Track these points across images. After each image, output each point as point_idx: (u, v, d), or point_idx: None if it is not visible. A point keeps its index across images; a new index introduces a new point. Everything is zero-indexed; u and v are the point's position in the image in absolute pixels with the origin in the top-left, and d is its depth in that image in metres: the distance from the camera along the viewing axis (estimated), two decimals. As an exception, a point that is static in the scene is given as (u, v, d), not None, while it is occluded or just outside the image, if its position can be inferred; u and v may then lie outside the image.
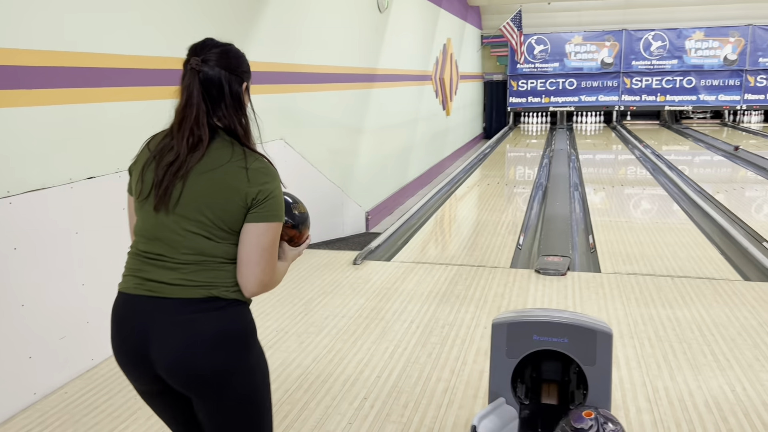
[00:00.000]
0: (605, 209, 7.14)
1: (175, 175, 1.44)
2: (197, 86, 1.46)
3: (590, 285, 4.41)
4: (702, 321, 3.72)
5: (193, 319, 1.42)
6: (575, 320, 2.16)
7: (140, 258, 1.49)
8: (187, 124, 1.46)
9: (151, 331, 1.43)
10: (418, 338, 3.54)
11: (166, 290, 1.44)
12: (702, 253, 5.18)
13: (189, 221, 1.44)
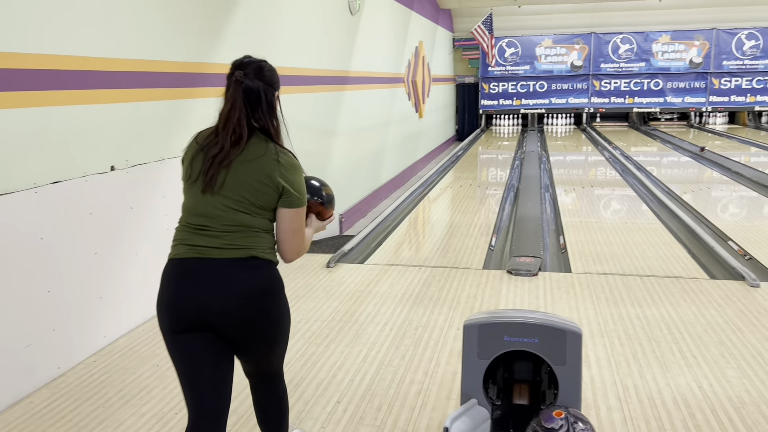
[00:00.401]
0: (576, 210, 7.23)
1: (220, 164, 1.86)
2: (240, 94, 1.89)
3: (561, 285, 4.46)
4: (670, 319, 3.79)
5: (236, 274, 1.83)
6: (545, 321, 2.18)
7: (189, 229, 1.90)
8: (231, 124, 1.87)
9: (202, 285, 1.82)
10: (391, 341, 3.54)
11: (212, 253, 1.85)
12: (670, 252, 5.27)
13: (231, 200, 1.86)
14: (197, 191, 1.89)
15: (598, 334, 3.59)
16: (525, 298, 4.21)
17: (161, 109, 3.94)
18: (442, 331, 3.68)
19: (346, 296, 4.30)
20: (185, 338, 1.86)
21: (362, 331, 3.70)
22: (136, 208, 3.73)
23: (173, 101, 4.05)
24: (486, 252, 5.43)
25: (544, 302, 4.13)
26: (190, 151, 1.95)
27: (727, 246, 5.47)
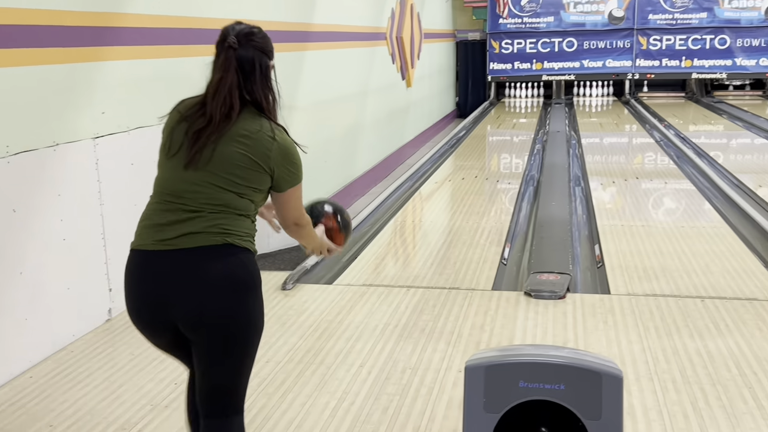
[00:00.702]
0: (616, 210, 7.27)
1: (209, 138, 2.15)
2: (233, 63, 2.20)
3: (597, 311, 4.48)
4: (741, 356, 3.82)
5: (207, 264, 2.14)
6: (575, 360, 2.19)
7: (160, 208, 2.21)
8: (221, 94, 2.17)
9: (167, 284, 2.15)
10: (369, 388, 3.53)
11: (181, 242, 2.15)
12: (741, 265, 5.33)
13: (219, 178, 2.16)
14: (177, 165, 2.20)
15: (646, 376, 3.61)
16: (548, 329, 4.23)
17: (56, 75, 3.91)
18: (438, 374, 3.67)
19: (309, 329, 4.29)
20: (154, 337, 2.32)
21: (330, 375, 3.68)
22: (21, 211, 3.70)
23: (72, 65, 4.02)
24: (497, 267, 5.45)
25: (573, 334, 4.15)
26: (171, 120, 2.28)
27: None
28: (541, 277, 5.04)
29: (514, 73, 17.24)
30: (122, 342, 4.11)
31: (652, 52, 16.78)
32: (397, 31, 10.92)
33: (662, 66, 16.84)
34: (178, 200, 2.20)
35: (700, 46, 16.62)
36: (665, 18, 16.59)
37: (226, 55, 2.23)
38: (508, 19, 16.87)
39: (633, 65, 16.89)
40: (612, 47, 16.84)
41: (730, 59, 16.58)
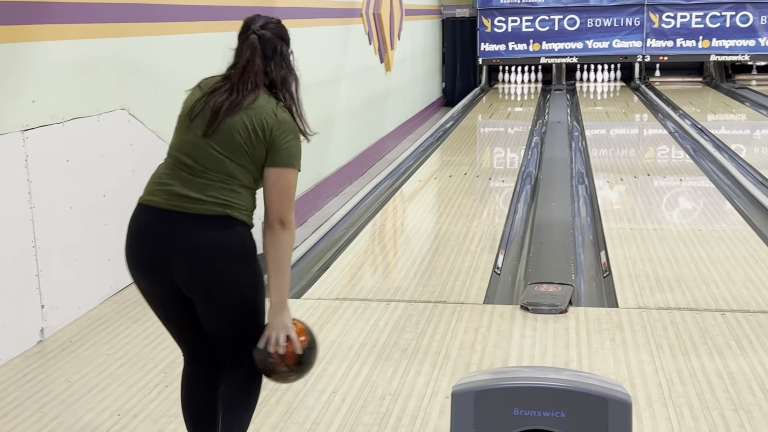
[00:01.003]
0: (624, 212, 7.31)
1: (228, 111, 2.65)
2: (258, 47, 2.75)
3: (603, 327, 4.50)
4: (767, 376, 3.85)
5: (205, 232, 2.62)
6: (577, 383, 2.20)
7: (172, 168, 2.70)
8: (248, 75, 2.70)
9: (166, 240, 2.64)
10: (343, 418, 3.52)
11: (185, 205, 2.63)
12: (766, 273, 5.38)
13: (223, 144, 2.64)
14: (194, 133, 2.69)
15: (659, 401, 3.63)
16: (548, 348, 4.24)
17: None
18: (422, 401, 3.67)
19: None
20: (151, 288, 2.77)
21: (298, 403, 3.67)
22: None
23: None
24: (489, 277, 5.46)
25: (576, 354, 4.16)
26: (193, 95, 2.81)
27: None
28: (540, 289, 5.05)
29: (508, 55, 17.30)
30: (57, 367, 4.08)
31: (665, 30, 16.89)
32: (374, 6, 10.92)
33: (676, 47, 16.95)
34: (188, 165, 2.68)
35: (720, 23, 16.75)
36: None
37: (251, 42, 2.77)
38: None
39: (643, 46, 16.99)
40: (620, 25, 16.93)
41: (754, 39, 16.72)
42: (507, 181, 8.74)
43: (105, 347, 4.32)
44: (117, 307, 4.87)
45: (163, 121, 5.36)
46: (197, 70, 5.97)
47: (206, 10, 6.00)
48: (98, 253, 4.87)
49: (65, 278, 4.56)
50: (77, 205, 4.62)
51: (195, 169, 2.66)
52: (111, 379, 3.95)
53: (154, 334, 4.49)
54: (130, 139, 5.06)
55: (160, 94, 5.38)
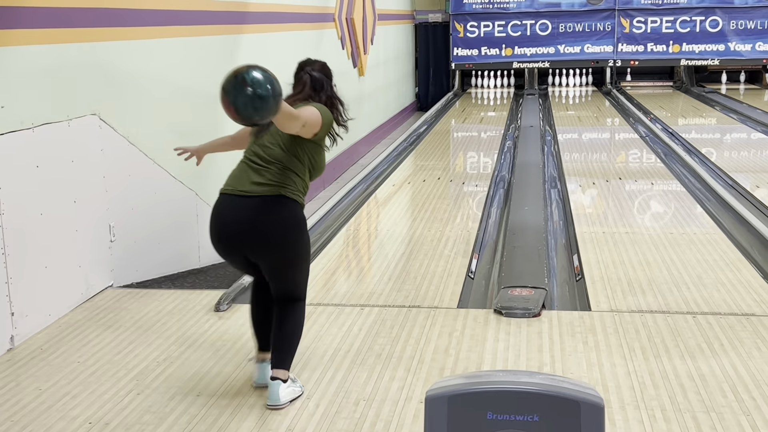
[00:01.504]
0: (597, 215, 7.35)
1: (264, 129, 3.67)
2: (309, 83, 3.82)
3: (575, 330, 4.52)
4: (738, 379, 3.88)
5: (266, 209, 3.59)
6: (550, 387, 2.20)
7: (244, 163, 3.70)
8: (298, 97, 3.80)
9: (242, 221, 3.59)
10: (318, 424, 3.52)
11: (253, 190, 3.59)
12: (737, 276, 5.42)
13: (274, 136, 3.64)
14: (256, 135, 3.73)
15: (632, 404, 3.65)
16: (521, 352, 4.25)
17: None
18: (396, 406, 3.67)
19: (247, 356, 4.26)
20: (231, 257, 3.76)
21: (272, 410, 3.66)
22: None
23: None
24: (463, 282, 5.47)
25: (549, 357, 4.18)
26: None
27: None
28: (513, 293, 5.06)
29: (480, 60, 17.36)
30: (27, 375, 4.04)
31: (636, 35, 17.03)
32: (347, 11, 10.92)
33: (647, 52, 17.09)
34: (252, 159, 3.68)
35: (690, 28, 16.91)
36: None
37: (304, 78, 3.86)
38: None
39: (615, 51, 17.11)
40: (591, 30, 17.05)
41: (723, 43, 16.88)
42: (480, 186, 8.76)
43: (76, 355, 4.28)
44: (88, 314, 4.83)
45: (134, 126, 5.34)
46: (168, 75, 5.97)
47: (178, 14, 5.97)
48: (69, 259, 4.83)
49: (35, 285, 4.51)
50: (47, 211, 4.58)
51: (257, 163, 3.65)
52: (82, 386, 3.91)
53: (126, 342, 4.46)
54: (101, 144, 5.02)
55: (131, 99, 5.35)
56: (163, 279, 5.63)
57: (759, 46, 16.82)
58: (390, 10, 14.57)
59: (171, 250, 5.82)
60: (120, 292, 5.26)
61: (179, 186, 5.82)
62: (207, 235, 3.76)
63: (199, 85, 6.26)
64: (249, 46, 7.17)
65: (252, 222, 3.58)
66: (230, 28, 6.87)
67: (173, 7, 5.90)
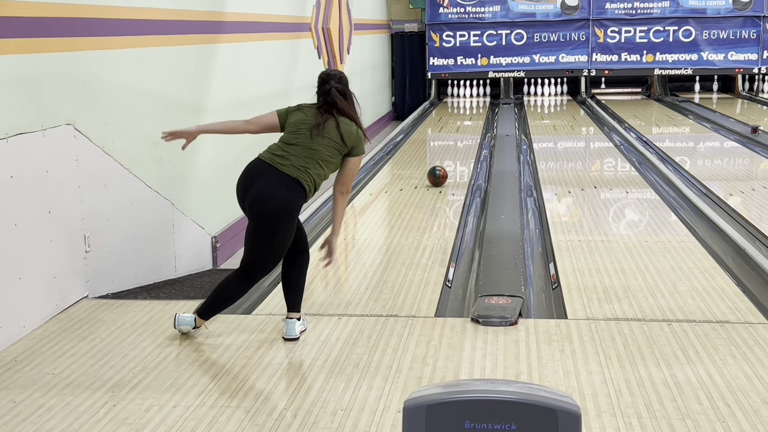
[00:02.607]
0: (572, 223, 7.38)
1: (318, 129, 4.54)
2: (335, 93, 4.61)
3: (552, 338, 4.53)
4: (713, 385, 3.90)
5: (281, 184, 4.44)
6: (527, 396, 2.20)
7: (281, 148, 4.54)
8: (336, 108, 4.61)
9: (264, 183, 4.45)
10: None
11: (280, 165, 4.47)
12: (711, 284, 5.46)
13: (323, 148, 4.54)
14: (303, 139, 4.51)
15: (608, 411, 3.66)
16: (499, 361, 4.25)
17: None
18: (374, 415, 3.66)
19: (224, 367, 4.24)
20: None
21: (249, 420, 3.64)
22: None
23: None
24: (440, 290, 5.48)
25: (527, 365, 4.18)
26: (298, 115, 4.65)
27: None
28: (490, 301, 5.07)
29: (456, 70, 17.42)
30: (1, 387, 3.99)
31: (610, 45, 17.17)
32: (323, 21, 10.93)
33: (621, 61, 17.22)
34: (287, 149, 4.51)
35: (663, 38, 17.07)
36: (624, 7, 17.00)
37: (330, 89, 4.61)
38: (449, 8, 17.07)
39: (589, 60, 17.24)
40: (566, 40, 17.16)
41: (696, 53, 17.05)
42: (457, 194, 8.78)
43: (51, 366, 4.24)
44: (63, 326, 4.79)
45: (109, 136, 5.31)
46: (144, 84, 5.94)
47: (154, 24, 5.95)
48: (44, 270, 4.79)
49: (9, 296, 4.47)
50: (21, 221, 4.54)
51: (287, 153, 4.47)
52: (57, 398, 3.87)
53: (101, 353, 4.43)
54: (75, 154, 4.99)
55: (106, 108, 5.32)
56: (139, 290, 5.60)
57: (731, 56, 16.99)
58: (366, 19, 14.60)
59: (147, 261, 5.78)
60: (95, 302, 5.22)
61: (155, 196, 5.79)
62: (186, 239, 3.83)
63: (174, 94, 6.24)
64: (224, 55, 7.16)
65: (268, 191, 4.38)
66: (206, 38, 6.86)
67: (148, 16, 5.88)
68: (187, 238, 6.19)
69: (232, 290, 4.58)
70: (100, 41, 5.26)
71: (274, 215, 4.36)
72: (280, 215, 4.37)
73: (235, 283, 4.55)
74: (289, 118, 4.66)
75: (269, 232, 4.40)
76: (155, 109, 5.94)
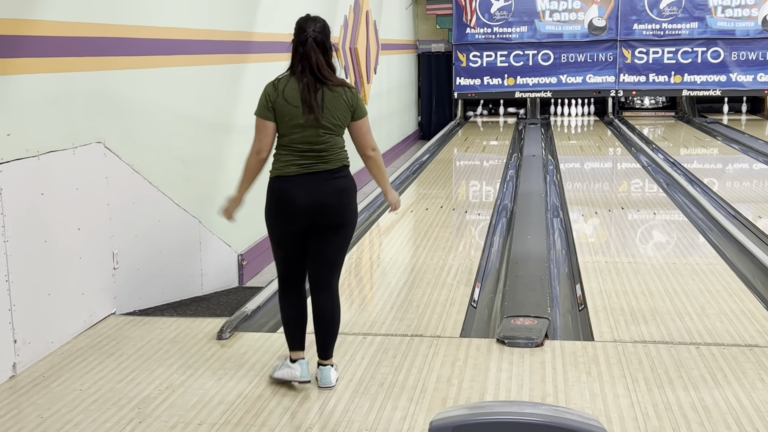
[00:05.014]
0: (599, 244, 7.34)
1: (311, 110, 3.98)
2: (312, 44, 3.98)
3: (578, 360, 4.51)
4: (742, 410, 3.87)
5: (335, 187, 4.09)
6: (553, 418, 2.19)
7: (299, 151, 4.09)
8: (309, 66, 4.01)
9: None
10: (319, 453, 3.50)
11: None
12: (740, 306, 5.41)
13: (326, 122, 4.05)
14: (306, 126, 4.05)
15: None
16: (524, 382, 4.24)
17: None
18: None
19: (249, 384, 4.25)
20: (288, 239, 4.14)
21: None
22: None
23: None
24: (466, 310, 5.46)
25: (553, 387, 4.17)
26: (280, 103, 4.09)
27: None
28: (516, 322, 5.05)
29: (483, 90, 17.43)
30: (29, 403, 4.02)
31: (638, 66, 17.11)
32: (350, 41, 10.98)
33: (649, 82, 17.16)
34: (304, 148, 4.08)
35: (691, 59, 16.99)
36: (652, 28, 16.94)
37: (307, 38, 4.05)
38: (477, 28, 17.10)
39: (617, 81, 17.19)
40: (593, 61, 17.13)
41: (725, 74, 16.95)
42: (482, 214, 8.76)
43: (78, 382, 4.27)
44: (90, 342, 4.83)
45: (138, 154, 5.36)
46: (173, 104, 5.99)
47: (183, 44, 6.01)
48: (72, 286, 4.83)
49: (39, 312, 4.51)
50: (51, 238, 4.59)
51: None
52: (84, 414, 3.90)
53: (127, 369, 4.45)
54: (105, 172, 5.04)
55: (135, 127, 5.37)
56: (166, 306, 5.63)
57: (761, 77, 16.87)
58: (393, 40, 14.66)
59: (174, 278, 5.82)
60: (122, 319, 5.25)
61: (183, 213, 5.83)
62: (213, 257, 3.81)
63: (202, 114, 6.29)
64: (253, 74, 7.21)
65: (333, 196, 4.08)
66: (234, 58, 6.91)
67: (178, 36, 5.94)
68: (214, 256, 6.22)
69: (335, 306, 4.20)
70: (130, 61, 5.33)
71: (350, 221, 4.13)
72: (353, 218, 4.16)
73: (329, 299, 4.17)
74: (276, 111, 4.08)
75: (348, 239, 4.17)
76: (184, 128, 6.00)
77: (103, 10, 5.04)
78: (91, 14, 4.91)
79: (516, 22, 17.08)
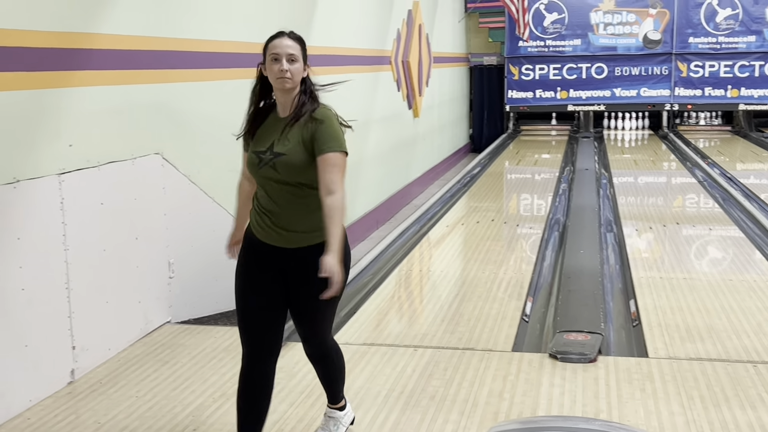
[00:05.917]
0: (653, 260, 7.27)
1: None
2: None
3: (633, 377, 4.47)
4: (800, 430, 3.81)
5: None
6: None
7: None
8: None
9: None
10: (371, 464, 3.52)
11: None
12: (797, 325, 5.33)
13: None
14: None
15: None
16: (577, 398, 4.21)
17: (17, 102, 3.95)
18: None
19: (301, 395, 4.28)
20: None
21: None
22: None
23: (36, 92, 4.07)
24: (517, 325, 5.45)
25: (606, 404, 4.13)
26: None
27: None
28: (569, 337, 5.02)
29: (535, 103, 17.38)
30: (86, 408, 4.10)
31: (694, 79, 16.93)
32: (403, 54, 11.03)
33: (705, 96, 16.97)
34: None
35: (748, 73, 16.76)
36: (708, 42, 16.76)
37: None
38: (529, 41, 17.06)
39: (671, 95, 17.02)
40: (647, 74, 16.99)
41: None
42: (534, 228, 8.73)
43: (134, 389, 4.34)
44: (147, 349, 4.90)
45: (195, 166, 5.44)
46: (230, 116, 6.05)
47: (238, 57, 6.09)
48: (129, 295, 4.92)
49: (96, 320, 4.59)
50: (110, 247, 4.68)
51: None
52: (140, 421, 3.96)
53: (182, 377, 4.51)
54: (163, 182, 5.13)
55: (192, 138, 5.45)
56: (219, 316, 5.69)
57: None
58: (445, 53, 14.69)
59: (228, 288, 5.85)
60: (177, 327, 5.33)
61: (237, 224, 5.89)
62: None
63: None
64: (307, 87, 7.27)
65: None
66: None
67: (233, 50, 6.02)
68: (267, 267, 6.27)
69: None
70: (187, 73, 5.41)
71: None
72: None
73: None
74: None
75: None
76: (238, 140, 6.06)
77: (166, 24, 5.13)
78: (152, 28, 5.00)
79: (569, 35, 17.02)
